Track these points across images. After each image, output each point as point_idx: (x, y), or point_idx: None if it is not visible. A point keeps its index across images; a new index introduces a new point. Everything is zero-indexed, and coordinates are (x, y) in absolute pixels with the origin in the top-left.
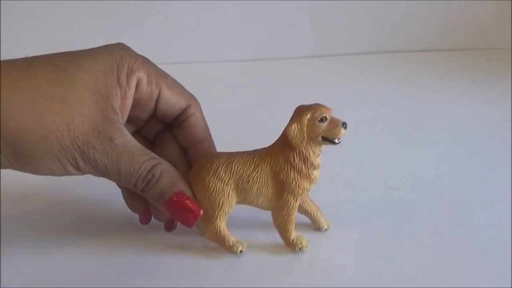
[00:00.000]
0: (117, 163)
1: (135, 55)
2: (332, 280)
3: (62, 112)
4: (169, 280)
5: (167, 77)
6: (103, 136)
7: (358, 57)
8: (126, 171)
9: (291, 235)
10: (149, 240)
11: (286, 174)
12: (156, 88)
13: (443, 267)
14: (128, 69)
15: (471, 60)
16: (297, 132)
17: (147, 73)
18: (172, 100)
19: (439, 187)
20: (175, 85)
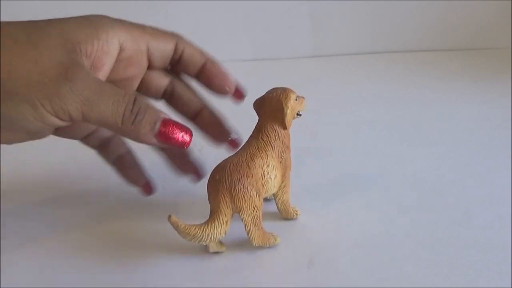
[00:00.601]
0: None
1: (113, 19)
2: (332, 280)
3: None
4: (169, 281)
5: (146, 27)
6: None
7: (358, 57)
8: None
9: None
10: (149, 241)
11: (286, 154)
12: (142, 42)
13: (443, 267)
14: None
15: (471, 60)
16: (290, 115)
17: (129, 32)
18: (160, 45)
19: (439, 187)
20: (157, 31)
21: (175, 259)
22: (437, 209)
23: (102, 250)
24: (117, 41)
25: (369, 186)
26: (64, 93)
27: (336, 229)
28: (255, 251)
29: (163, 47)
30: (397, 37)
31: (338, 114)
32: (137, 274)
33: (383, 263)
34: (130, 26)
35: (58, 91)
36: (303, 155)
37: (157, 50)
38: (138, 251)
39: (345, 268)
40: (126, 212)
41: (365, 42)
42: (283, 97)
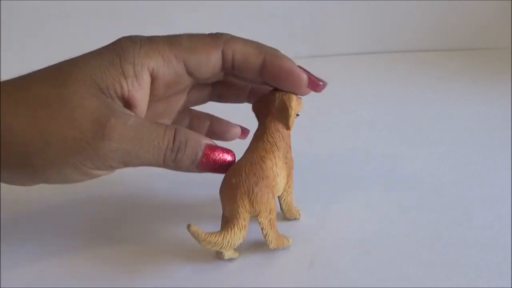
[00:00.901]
0: (137, 142)
1: (139, 41)
2: (331, 280)
3: (60, 114)
4: (168, 281)
5: (181, 41)
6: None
7: (358, 57)
8: (149, 146)
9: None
10: (149, 242)
11: (289, 154)
12: (178, 62)
13: (443, 267)
14: (134, 58)
15: (471, 60)
16: (293, 114)
17: (160, 54)
18: (203, 60)
19: (439, 187)
20: (195, 43)
21: (174, 259)
22: (437, 209)
23: (104, 251)
24: (146, 71)
25: (369, 186)
26: (104, 152)
27: (336, 229)
28: (255, 252)
29: (205, 61)
30: (397, 37)
31: (338, 114)
32: (137, 275)
33: (383, 263)
34: (160, 46)
35: (98, 152)
36: (303, 155)
37: (198, 67)
38: (139, 251)
39: (345, 268)
40: (130, 214)
41: (365, 42)
42: (286, 97)
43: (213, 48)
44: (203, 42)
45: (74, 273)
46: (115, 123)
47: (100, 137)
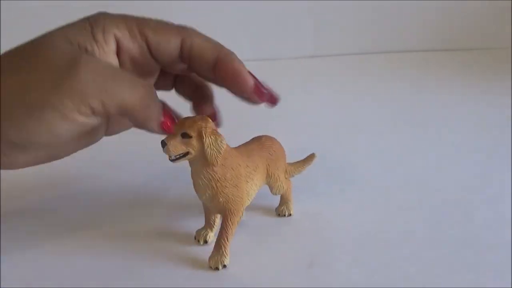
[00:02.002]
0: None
1: (111, 14)
2: (332, 280)
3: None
4: (168, 281)
5: (149, 21)
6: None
7: (358, 57)
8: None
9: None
10: (149, 240)
11: None
12: (141, 39)
13: (443, 267)
14: (104, 26)
15: (471, 60)
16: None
17: (126, 27)
18: (163, 41)
19: (439, 187)
20: (161, 25)
21: (174, 259)
22: (437, 209)
23: (103, 250)
24: (113, 39)
25: (369, 186)
26: (80, 87)
27: (336, 229)
28: (255, 251)
29: (166, 42)
30: (397, 37)
31: (338, 114)
32: (137, 274)
33: (383, 263)
34: (129, 21)
35: (74, 87)
36: (302, 155)
37: (158, 46)
38: (139, 251)
39: (345, 268)
40: (128, 212)
41: (365, 42)
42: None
43: (175, 34)
44: (168, 27)
45: (73, 273)
46: (87, 59)
47: (74, 70)
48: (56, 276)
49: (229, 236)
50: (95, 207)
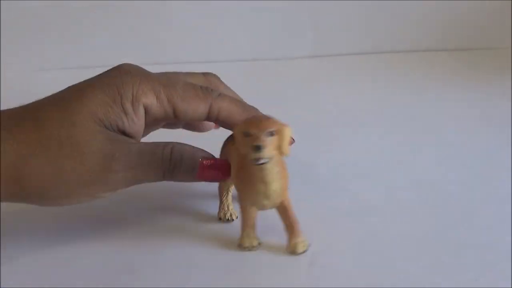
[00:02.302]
0: (140, 168)
1: (138, 78)
2: (332, 280)
3: (71, 152)
4: (167, 280)
5: (176, 87)
6: (116, 157)
7: (358, 57)
8: (150, 169)
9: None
10: (150, 239)
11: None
12: (169, 105)
13: (443, 267)
14: (133, 96)
15: (471, 60)
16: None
17: (154, 94)
18: (190, 109)
19: (439, 187)
20: (188, 92)
21: (173, 258)
22: (437, 209)
23: (102, 250)
24: (142, 108)
25: (369, 186)
26: (112, 182)
27: (337, 230)
28: (256, 251)
29: (193, 111)
30: (397, 37)
31: (337, 114)
32: (138, 274)
33: (383, 263)
34: (156, 85)
35: (107, 183)
36: (302, 154)
37: (185, 113)
38: (139, 250)
39: (345, 268)
40: (127, 211)
41: (365, 42)
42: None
43: (203, 101)
44: (195, 94)
45: (74, 273)
46: (119, 156)
47: (108, 169)
48: (56, 276)
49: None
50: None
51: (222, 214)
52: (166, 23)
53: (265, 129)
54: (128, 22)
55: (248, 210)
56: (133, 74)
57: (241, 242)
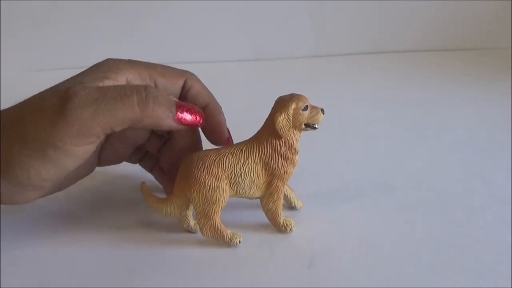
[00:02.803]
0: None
1: (121, 61)
2: (332, 280)
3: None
4: (167, 280)
5: (156, 66)
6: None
7: (358, 57)
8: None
9: (281, 218)
10: (149, 239)
11: (276, 162)
12: (150, 80)
13: (443, 267)
14: (116, 70)
15: (471, 60)
16: (285, 122)
17: (137, 71)
18: (169, 83)
19: (439, 187)
20: (166, 69)
21: (173, 258)
22: (437, 209)
23: (102, 250)
24: (125, 79)
25: (369, 186)
26: (74, 118)
27: (336, 229)
28: (256, 251)
29: (172, 84)
30: (397, 37)
31: (337, 114)
32: (138, 273)
33: (383, 263)
34: (138, 65)
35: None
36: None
37: (165, 87)
38: (139, 250)
39: (345, 268)
40: (127, 211)
41: (365, 42)
42: (280, 103)
43: (180, 77)
44: (173, 71)
45: (74, 273)
46: (76, 89)
47: (67, 105)
48: (56, 276)
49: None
50: (97, 205)
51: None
52: (166, 23)
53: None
54: (128, 22)
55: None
56: (117, 59)
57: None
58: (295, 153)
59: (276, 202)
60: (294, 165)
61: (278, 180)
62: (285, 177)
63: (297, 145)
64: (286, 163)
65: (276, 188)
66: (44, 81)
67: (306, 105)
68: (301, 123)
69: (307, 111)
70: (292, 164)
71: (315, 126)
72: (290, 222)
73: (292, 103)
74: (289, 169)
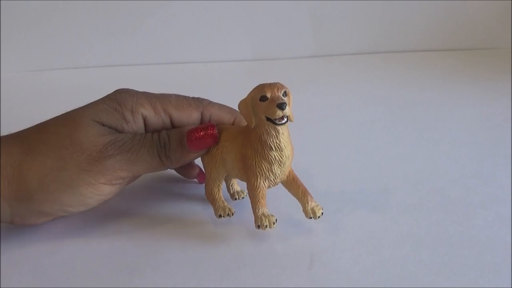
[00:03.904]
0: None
1: (135, 94)
2: (332, 280)
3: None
4: (167, 279)
5: (170, 99)
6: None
7: (358, 57)
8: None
9: (257, 212)
10: (149, 239)
11: (246, 151)
12: (165, 115)
13: (443, 267)
14: (132, 107)
15: (471, 60)
16: (243, 108)
17: (151, 106)
18: (184, 116)
19: (439, 187)
20: (181, 102)
21: (173, 258)
22: (437, 209)
23: (102, 250)
24: (141, 118)
25: (369, 186)
26: (110, 164)
27: (336, 229)
28: (256, 251)
29: (187, 117)
30: (397, 37)
31: (337, 114)
32: (138, 273)
33: (383, 263)
34: (152, 100)
35: (105, 165)
36: (302, 154)
37: (181, 121)
38: (140, 249)
39: (345, 268)
40: (126, 211)
41: (365, 42)
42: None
43: (195, 109)
44: (187, 103)
45: (74, 273)
46: (114, 140)
47: (104, 153)
48: (56, 276)
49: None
50: None
51: (221, 210)
52: (166, 23)
53: (281, 89)
54: (128, 22)
55: (261, 187)
56: (131, 92)
57: (260, 222)
58: (268, 148)
59: (251, 193)
60: (269, 162)
61: (250, 172)
62: (257, 171)
63: (272, 140)
64: (256, 156)
65: (248, 179)
66: (44, 81)
67: (264, 95)
68: (262, 115)
69: (265, 103)
70: (266, 160)
71: (275, 121)
72: (264, 220)
73: (253, 92)
74: (261, 163)
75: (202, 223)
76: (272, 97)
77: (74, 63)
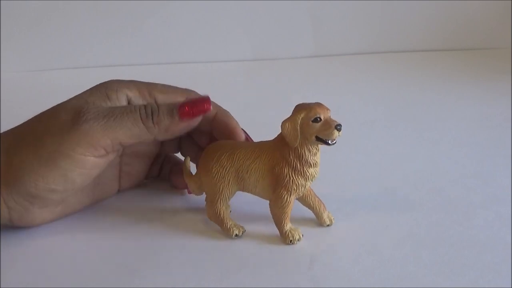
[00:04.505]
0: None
1: (122, 80)
2: (332, 280)
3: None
4: (167, 279)
5: (156, 84)
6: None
7: (358, 57)
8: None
9: (285, 227)
10: (149, 239)
11: (281, 169)
12: (150, 98)
13: (443, 267)
14: (117, 89)
15: (471, 60)
16: (291, 130)
17: (137, 89)
18: (169, 99)
19: (439, 187)
20: (167, 87)
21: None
22: (437, 209)
23: (103, 250)
24: (125, 98)
25: (369, 186)
26: (85, 131)
27: (336, 229)
28: (256, 251)
29: (172, 100)
30: (397, 37)
31: (337, 114)
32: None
33: (383, 263)
34: (138, 84)
35: (80, 132)
36: None
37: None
38: (139, 249)
39: (345, 268)
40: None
41: (365, 42)
42: (295, 109)
43: (180, 94)
44: (173, 89)
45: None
46: (88, 108)
47: (78, 118)
48: (56, 276)
49: None
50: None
51: (236, 229)
52: (166, 23)
53: (329, 111)
54: (128, 22)
55: (292, 202)
56: (119, 80)
57: (292, 237)
58: (308, 166)
59: (280, 209)
60: (306, 178)
61: (283, 189)
62: (293, 188)
63: (312, 158)
64: (294, 173)
65: (279, 195)
66: (44, 81)
67: (318, 117)
68: (311, 135)
69: (319, 124)
70: (303, 177)
71: (328, 142)
72: (294, 234)
73: (301, 112)
74: (298, 180)
75: (202, 223)
76: (326, 119)
77: (74, 63)
